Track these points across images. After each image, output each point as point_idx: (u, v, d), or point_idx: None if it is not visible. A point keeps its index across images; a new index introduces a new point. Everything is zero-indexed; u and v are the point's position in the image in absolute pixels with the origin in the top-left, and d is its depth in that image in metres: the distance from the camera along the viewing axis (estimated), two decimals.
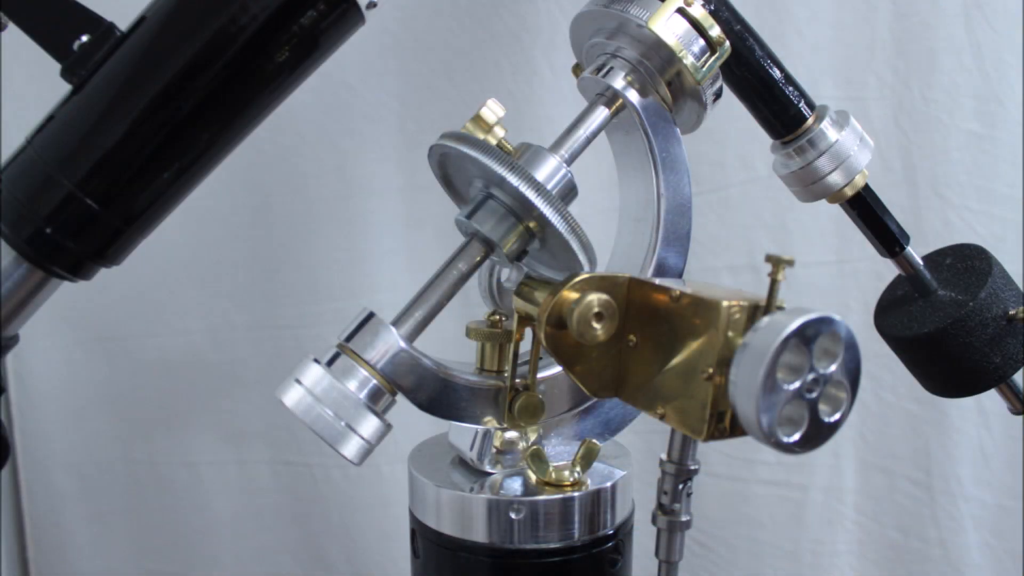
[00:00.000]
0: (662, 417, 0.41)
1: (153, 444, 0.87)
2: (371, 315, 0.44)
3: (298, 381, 0.42)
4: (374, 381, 0.43)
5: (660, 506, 0.44)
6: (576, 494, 0.47)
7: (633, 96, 0.48)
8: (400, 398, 0.44)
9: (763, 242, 0.86)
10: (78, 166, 0.44)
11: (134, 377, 0.85)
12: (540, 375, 0.48)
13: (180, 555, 0.89)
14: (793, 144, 0.55)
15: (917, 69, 0.83)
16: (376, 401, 0.43)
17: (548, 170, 0.46)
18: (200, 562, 0.89)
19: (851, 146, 0.55)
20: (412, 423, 0.51)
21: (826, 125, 0.55)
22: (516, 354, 0.48)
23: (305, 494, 0.88)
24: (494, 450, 0.49)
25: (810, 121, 0.55)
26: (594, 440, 0.48)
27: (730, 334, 0.38)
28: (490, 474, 0.49)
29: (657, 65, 0.47)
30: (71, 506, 0.87)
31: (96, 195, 0.44)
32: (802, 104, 0.55)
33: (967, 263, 0.59)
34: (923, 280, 0.58)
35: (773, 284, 0.37)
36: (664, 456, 0.44)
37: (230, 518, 0.89)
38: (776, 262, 0.37)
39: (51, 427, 0.85)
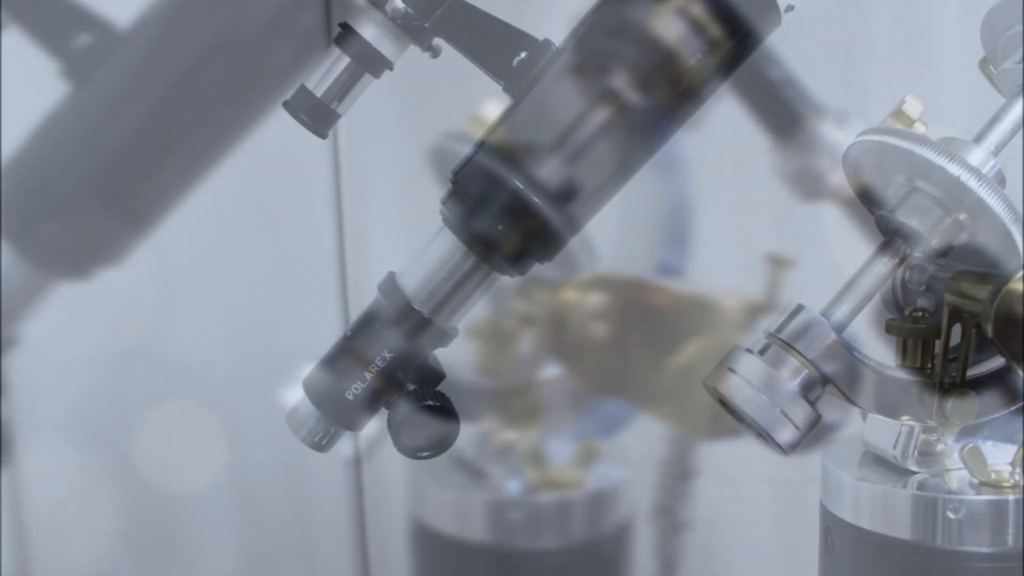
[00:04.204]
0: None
1: (153, 444, 0.87)
2: (800, 307, 0.42)
3: (732, 370, 0.40)
4: (806, 371, 0.42)
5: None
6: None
7: None
8: None
9: (763, 242, 0.85)
10: None
11: (134, 377, 0.85)
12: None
13: (179, 555, 0.89)
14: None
15: (917, 69, 0.83)
16: (808, 390, 0.42)
17: (978, 159, 0.44)
18: (199, 562, 0.89)
19: None
20: None
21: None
22: (946, 350, 0.46)
23: (305, 494, 0.88)
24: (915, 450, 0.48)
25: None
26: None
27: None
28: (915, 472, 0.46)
29: None
30: (71, 506, 0.87)
31: None
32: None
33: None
34: None
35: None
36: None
37: (230, 518, 0.88)
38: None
39: (51, 427, 0.85)
